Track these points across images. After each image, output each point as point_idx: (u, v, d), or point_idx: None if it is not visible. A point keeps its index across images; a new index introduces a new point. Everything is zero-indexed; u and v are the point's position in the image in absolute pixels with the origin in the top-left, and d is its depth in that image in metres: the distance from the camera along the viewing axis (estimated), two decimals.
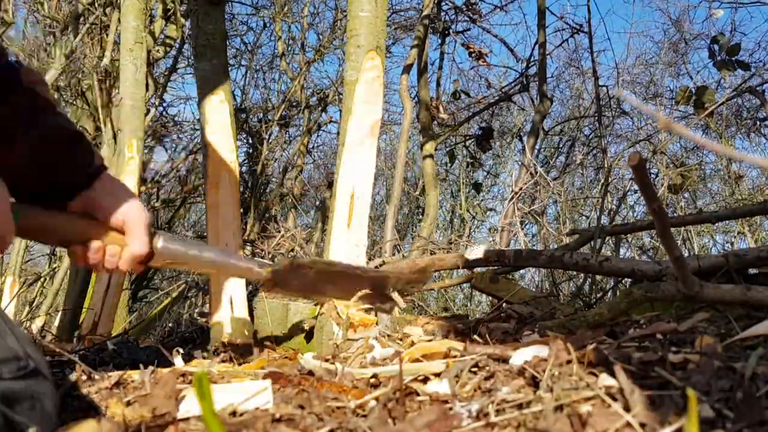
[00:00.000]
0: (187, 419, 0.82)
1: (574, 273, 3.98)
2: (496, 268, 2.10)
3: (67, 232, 1.10)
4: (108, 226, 1.11)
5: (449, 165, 6.71)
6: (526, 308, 1.67)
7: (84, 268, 3.41)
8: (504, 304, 1.80)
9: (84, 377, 1.13)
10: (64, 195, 1.10)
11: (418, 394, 0.85)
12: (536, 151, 4.81)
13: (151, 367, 1.10)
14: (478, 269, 2.09)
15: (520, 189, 3.40)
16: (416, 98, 4.13)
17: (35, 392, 0.73)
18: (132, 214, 1.11)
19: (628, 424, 0.61)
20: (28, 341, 0.76)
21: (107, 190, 1.12)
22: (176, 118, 6.01)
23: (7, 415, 0.68)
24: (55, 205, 1.10)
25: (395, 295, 1.44)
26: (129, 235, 1.11)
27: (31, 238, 1.13)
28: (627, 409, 0.65)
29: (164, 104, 5.62)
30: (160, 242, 1.14)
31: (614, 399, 0.68)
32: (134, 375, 1.10)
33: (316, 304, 1.81)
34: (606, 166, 3.68)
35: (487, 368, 0.89)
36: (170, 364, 1.33)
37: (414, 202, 7.87)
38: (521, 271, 5.24)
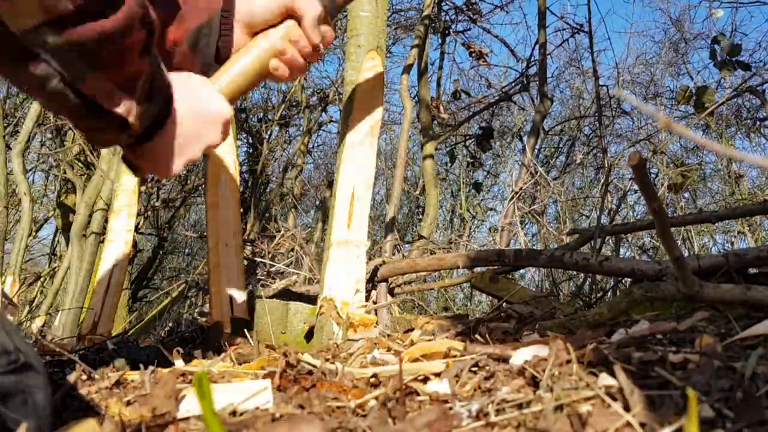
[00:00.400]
0: (187, 419, 0.82)
1: (574, 273, 3.98)
2: (496, 267, 2.10)
3: (257, 63, 1.08)
4: (275, 24, 1.09)
5: (449, 165, 6.72)
6: (526, 308, 1.67)
7: (86, 267, 3.40)
8: (504, 304, 1.80)
9: (84, 377, 1.14)
10: (223, 28, 1.08)
11: (418, 394, 0.85)
12: (536, 150, 4.81)
13: (151, 367, 1.10)
14: (478, 269, 2.09)
15: (521, 189, 3.40)
16: (416, 98, 4.13)
17: (27, 386, 0.72)
18: None
19: (628, 424, 0.61)
20: (18, 335, 0.75)
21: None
22: None
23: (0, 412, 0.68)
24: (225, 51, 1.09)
25: None
26: (298, 5, 1.08)
27: (242, 95, 1.12)
28: (627, 409, 0.65)
29: None
30: None
31: (614, 399, 0.68)
32: (134, 375, 1.10)
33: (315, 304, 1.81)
34: (606, 165, 3.68)
35: (487, 368, 0.89)
36: (170, 363, 1.33)
37: (414, 201, 7.88)
38: (521, 271, 5.24)
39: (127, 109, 0.83)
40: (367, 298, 1.87)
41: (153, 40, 0.84)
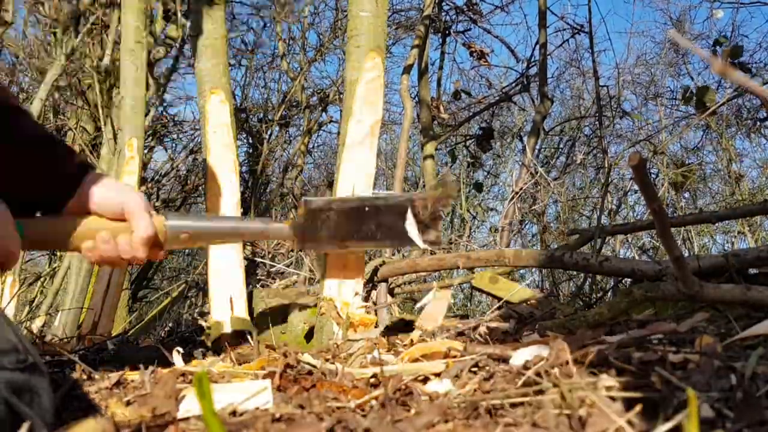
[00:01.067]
0: (187, 419, 0.82)
1: (574, 273, 3.98)
2: (496, 268, 2.10)
3: (73, 233, 1.10)
4: (109, 218, 1.12)
5: (450, 165, 6.72)
6: (526, 308, 1.66)
7: (86, 267, 3.41)
8: (504, 304, 1.80)
9: (84, 377, 1.13)
10: (57, 199, 1.11)
11: (418, 394, 0.85)
12: (536, 151, 4.81)
13: (151, 367, 1.10)
14: (478, 269, 2.09)
15: (521, 189, 3.40)
16: (417, 98, 4.13)
17: (34, 386, 0.73)
18: (129, 200, 1.12)
19: (628, 424, 0.61)
20: (24, 337, 0.76)
21: (98, 185, 1.13)
22: (176, 118, 6.01)
23: (12, 405, 0.68)
24: (52, 212, 1.12)
25: (430, 222, 1.33)
26: (132, 220, 1.11)
27: (39, 248, 1.14)
28: (627, 408, 0.65)
29: (165, 104, 5.63)
30: (167, 221, 1.15)
31: (613, 399, 0.68)
32: (134, 375, 1.10)
33: (315, 305, 1.81)
34: (606, 166, 3.68)
35: (487, 368, 0.89)
36: (170, 364, 1.33)
37: None
38: (521, 271, 5.24)
39: None
40: (367, 299, 1.87)
41: None
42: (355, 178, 1.73)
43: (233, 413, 0.83)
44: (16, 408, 0.68)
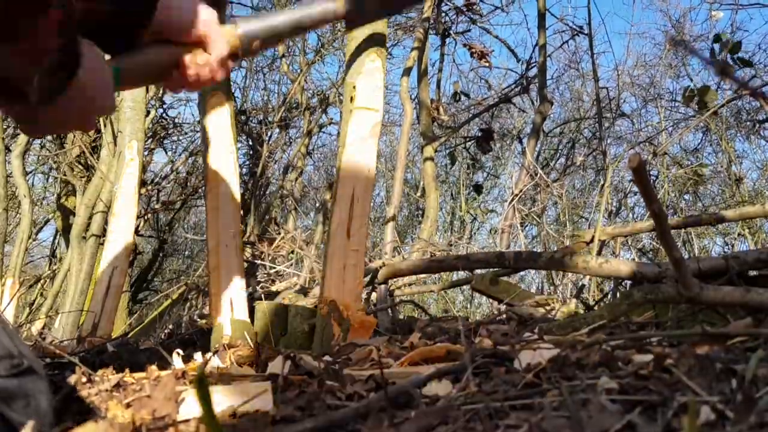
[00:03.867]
0: (187, 421, 0.82)
1: (575, 275, 3.97)
2: (496, 270, 2.10)
3: (161, 63, 1.09)
4: (186, 41, 1.10)
5: (450, 167, 6.72)
6: (525, 310, 1.66)
7: (85, 269, 3.41)
8: (504, 306, 1.80)
9: (84, 379, 1.13)
10: (134, 29, 1.05)
11: (418, 397, 0.85)
12: (536, 152, 4.81)
13: (151, 369, 1.10)
14: (478, 271, 2.09)
15: (521, 191, 3.40)
16: (416, 100, 4.14)
17: (30, 390, 0.72)
18: (202, 20, 1.09)
19: (628, 425, 0.61)
20: (20, 339, 0.76)
21: (168, 5, 1.07)
22: (176, 120, 6.02)
23: (3, 413, 0.68)
24: (130, 46, 1.07)
25: None
26: (208, 42, 1.10)
27: (133, 87, 1.11)
28: (627, 410, 0.65)
29: (164, 106, 5.63)
30: (239, 29, 1.16)
31: (613, 402, 0.68)
32: (134, 377, 1.10)
33: (316, 306, 1.81)
34: (606, 167, 3.68)
35: (488, 370, 0.89)
36: (170, 365, 1.33)
37: (414, 203, 7.88)
38: (521, 273, 5.24)
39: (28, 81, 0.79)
40: (367, 300, 1.87)
41: (73, 19, 0.79)
42: (355, 179, 1.73)
43: (233, 415, 0.83)
44: (7, 416, 0.68)
